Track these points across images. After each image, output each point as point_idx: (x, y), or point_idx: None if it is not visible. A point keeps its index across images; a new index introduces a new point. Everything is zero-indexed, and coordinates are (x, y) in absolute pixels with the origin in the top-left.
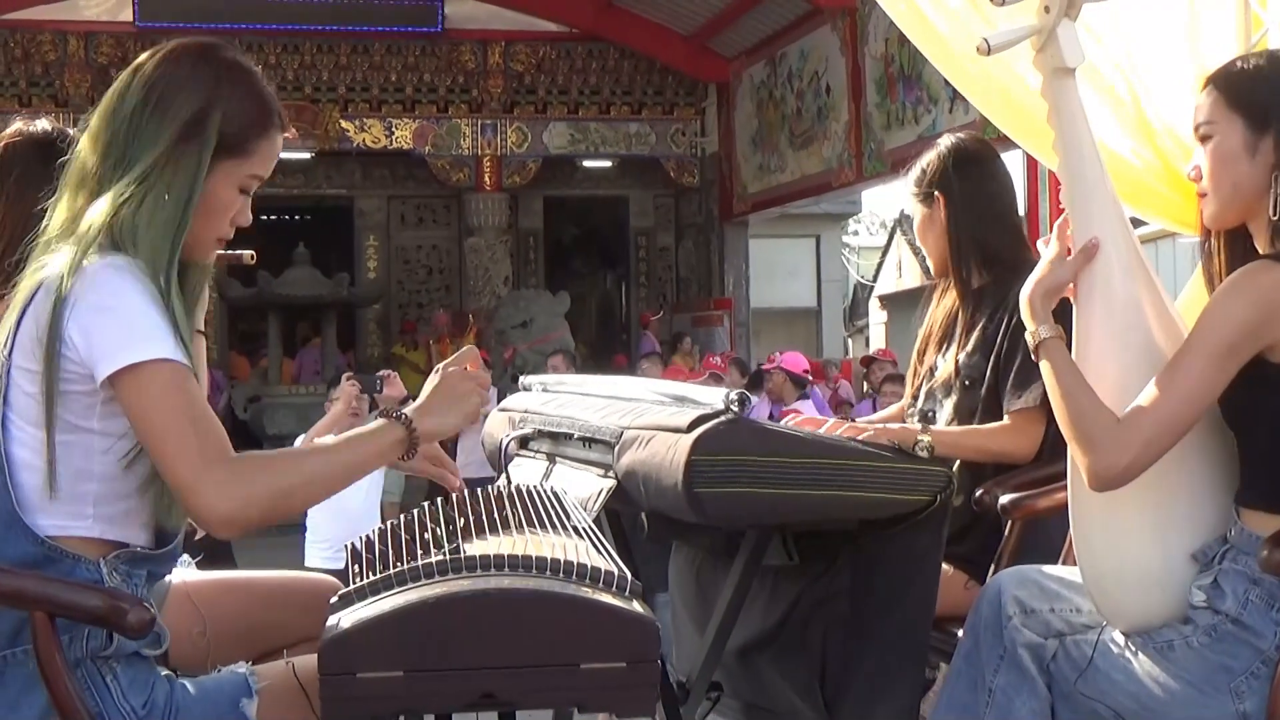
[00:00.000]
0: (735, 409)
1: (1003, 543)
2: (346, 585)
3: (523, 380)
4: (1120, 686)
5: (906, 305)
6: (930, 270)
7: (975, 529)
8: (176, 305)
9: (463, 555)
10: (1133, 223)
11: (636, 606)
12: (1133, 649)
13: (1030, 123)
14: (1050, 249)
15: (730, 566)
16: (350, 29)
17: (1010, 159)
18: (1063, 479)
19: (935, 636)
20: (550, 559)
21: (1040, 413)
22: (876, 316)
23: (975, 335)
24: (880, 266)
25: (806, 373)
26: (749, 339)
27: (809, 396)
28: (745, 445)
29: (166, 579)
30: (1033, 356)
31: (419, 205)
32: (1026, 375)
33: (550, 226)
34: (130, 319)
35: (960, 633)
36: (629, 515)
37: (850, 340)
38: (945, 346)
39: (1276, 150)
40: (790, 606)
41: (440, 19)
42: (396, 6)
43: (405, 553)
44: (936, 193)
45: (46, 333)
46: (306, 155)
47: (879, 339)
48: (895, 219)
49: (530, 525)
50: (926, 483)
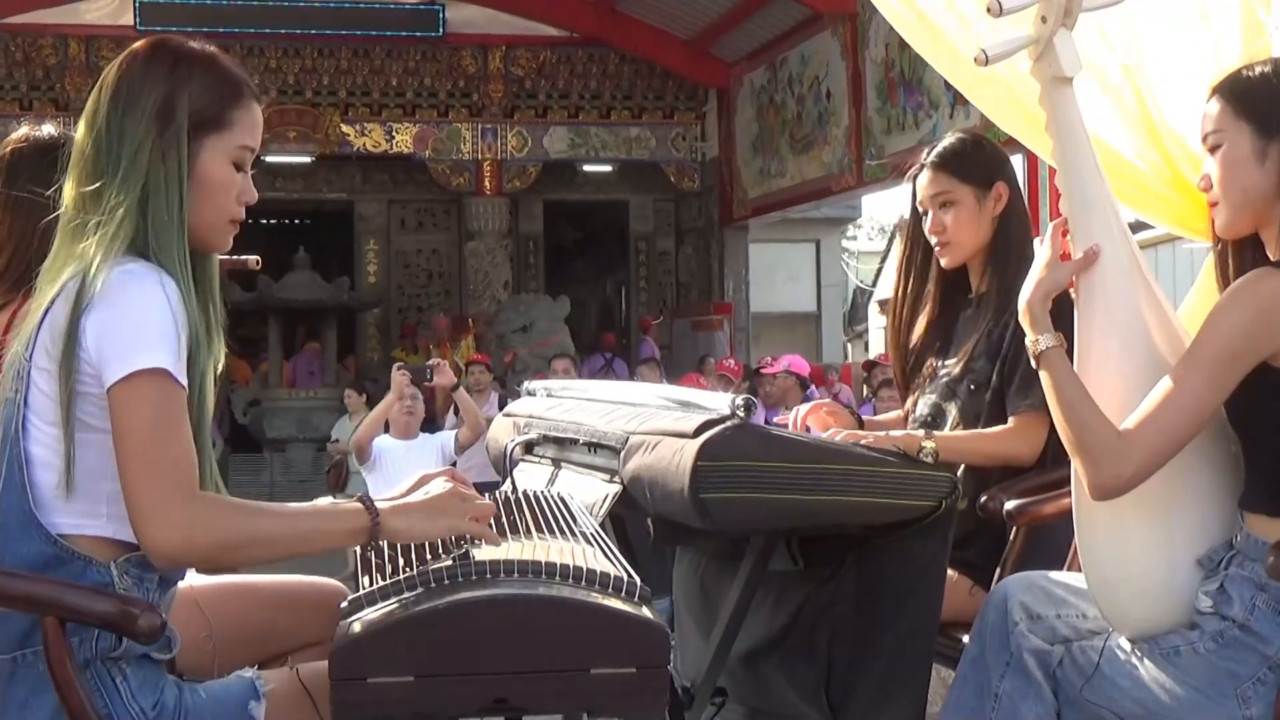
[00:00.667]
0: (741, 414)
1: (1008, 548)
2: (355, 590)
3: (526, 385)
4: (1126, 693)
5: None
6: (907, 261)
7: (980, 535)
8: (192, 302)
9: (472, 561)
10: (1133, 227)
11: (646, 612)
12: (1139, 655)
13: (1037, 124)
14: (1044, 250)
15: (735, 572)
16: (351, 33)
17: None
18: (1067, 484)
19: (941, 642)
20: (559, 564)
21: (1045, 415)
22: (876, 321)
23: (980, 339)
24: (880, 271)
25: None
26: (749, 344)
27: (810, 400)
28: (751, 450)
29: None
30: (1033, 365)
31: (419, 209)
32: (1031, 377)
33: (550, 231)
34: (138, 325)
35: (965, 638)
36: (633, 520)
37: (850, 345)
38: (944, 350)
39: None
40: (795, 612)
41: (441, 24)
42: (397, 11)
43: (415, 558)
44: (1000, 184)
45: (64, 336)
46: (307, 159)
47: (878, 344)
48: (895, 224)
49: (538, 530)
50: (932, 488)
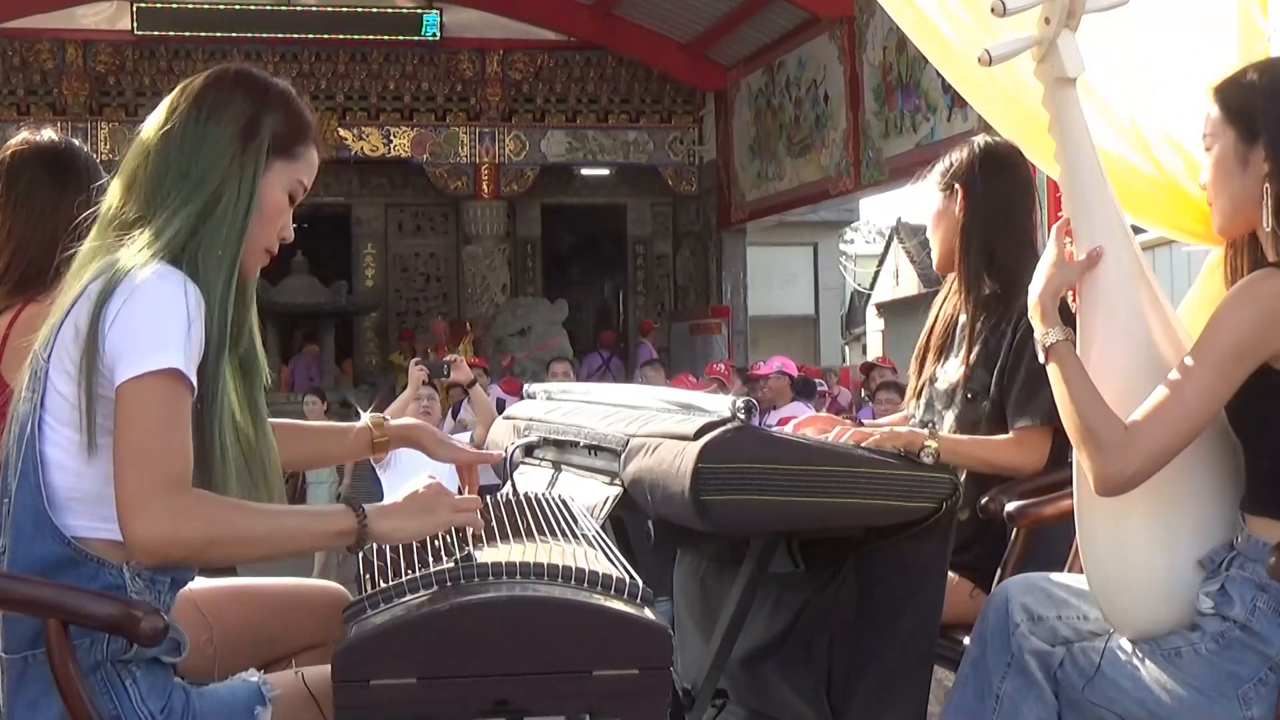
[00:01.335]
0: (742, 416)
1: (1008, 550)
2: (357, 593)
3: (527, 388)
4: (1128, 694)
5: (903, 313)
6: (930, 271)
7: (981, 537)
8: (231, 310)
9: (474, 563)
10: (1133, 230)
11: (648, 614)
12: (1140, 656)
13: (1035, 129)
14: (1050, 249)
15: (736, 574)
16: (348, 37)
17: None
18: (1068, 487)
19: (941, 644)
20: (561, 566)
21: (1046, 429)
22: (873, 324)
23: (978, 347)
24: (877, 274)
25: (802, 373)
26: (746, 347)
27: (805, 400)
28: (752, 453)
29: None
30: (1040, 359)
31: (417, 213)
32: (1031, 390)
33: (548, 234)
34: (150, 326)
35: (966, 640)
36: (633, 523)
37: (847, 348)
38: (945, 356)
39: (1268, 161)
40: (796, 614)
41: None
42: (394, 15)
43: (416, 560)
44: (958, 185)
45: (85, 340)
46: None
47: (876, 347)
48: (892, 227)
49: (540, 533)
50: (932, 490)
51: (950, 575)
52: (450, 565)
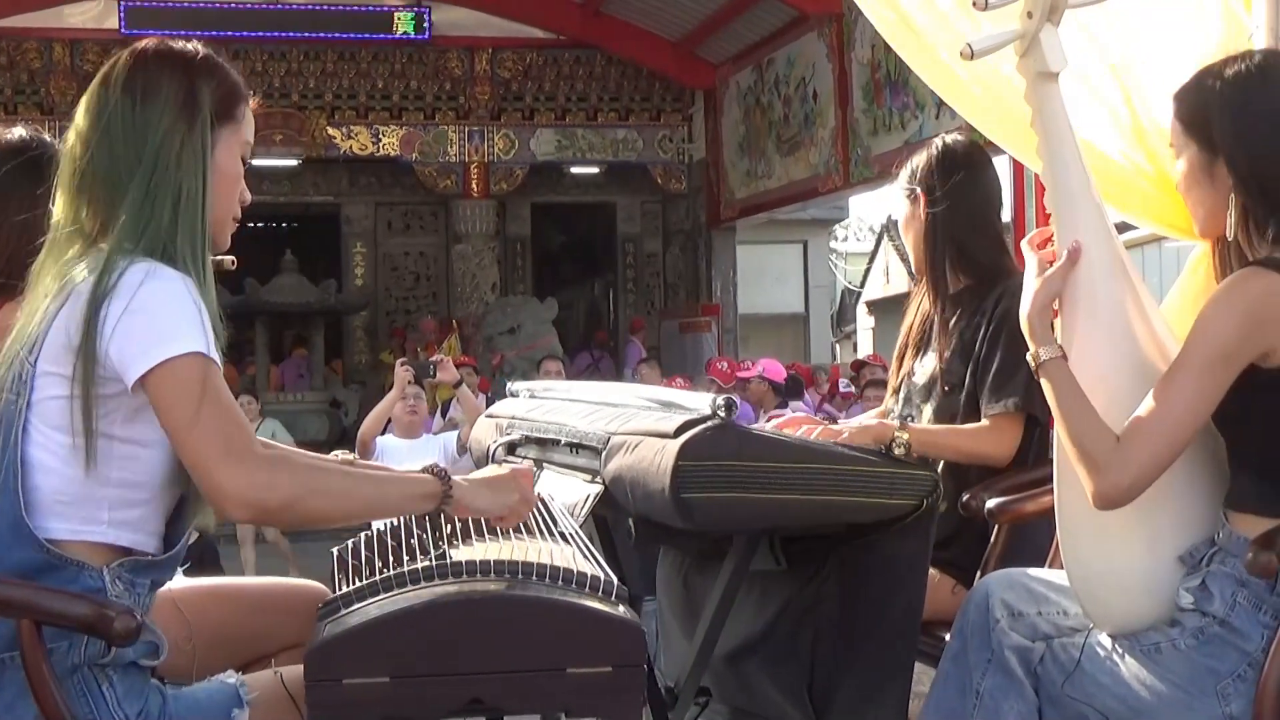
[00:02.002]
0: (722, 414)
1: (990, 547)
2: (333, 592)
3: (510, 386)
4: (1107, 689)
5: (894, 311)
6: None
7: (962, 533)
8: (212, 294)
9: (449, 561)
10: (1118, 228)
11: (622, 611)
12: (1120, 651)
13: (1014, 127)
14: (1031, 263)
15: (718, 571)
16: (337, 36)
17: (996, 163)
18: (1049, 483)
19: (923, 640)
20: (536, 564)
21: (1018, 417)
22: (864, 322)
23: (953, 340)
24: (868, 272)
25: (788, 375)
26: (736, 345)
27: (789, 404)
28: (733, 450)
29: None
30: (1035, 376)
31: (406, 212)
32: (1004, 379)
33: (538, 233)
34: (161, 319)
35: (948, 637)
36: (616, 520)
37: (838, 346)
38: (922, 351)
39: (1230, 172)
40: (778, 611)
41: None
42: (385, 14)
43: (391, 558)
44: (919, 190)
45: (81, 339)
46: (293, 162)
47: (866, 344)
48: (882, 224)
49: (516, 531)
50: (913, 487)
51: (932, 572)
52: (425, 563)
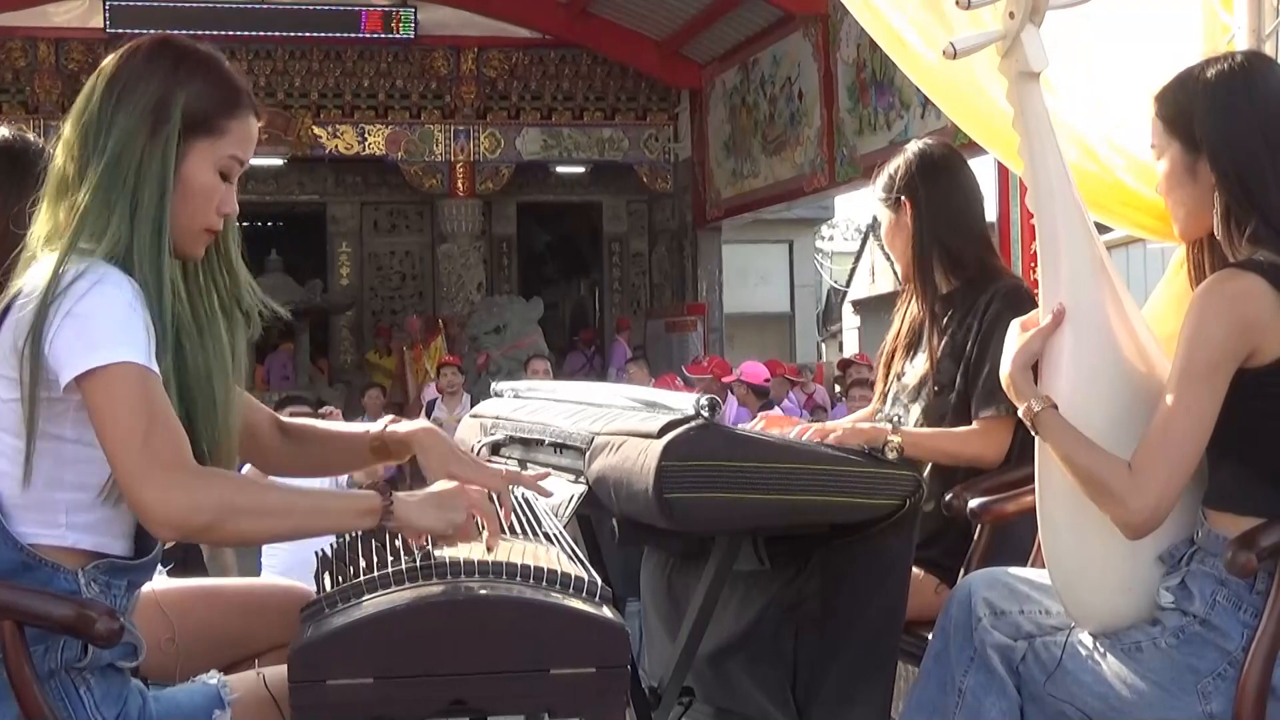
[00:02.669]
0: (706, 414)
1: (973, 546)
2: (317, 592)
3: (494, 386)
4: (1088, 688)
5: (880, 310)
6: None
7: (945, 533)
8: (168, 301)
9: (433, 561)
10: (1099, 228)
11: (606, 612)
12: (1101, 650)
13: (996, 128)
14: (1011, 331)
15: (701, 571)
16: (322, 35)
17: (982, 164)
18: (1031, 483)
19: (906, 640)
20: (520, 565)
21: (1009, 420)
22: (850, 321)
23: (944, 342)
24: (853, 272)
25: (768, 381)
26: (722, 345)
27: (771, 407)
28: (716, 450)
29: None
30: (1030, 431)
31: (392, 211)
32: (995, 383)
33: (523, 232)
34: (98, 326)
35: (930, 636)
36: (600, 521)
37: (824, 345)
38: (912, 353)
39: (1213, 170)
40: (762, 611)
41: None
42: (372, 13)
43: (375, 559)
44: (903, 198)
45: (28, 340)
46: (279, 162)
47: (852, 344)
48: (868, 224)
49: (500, 531)
50: (896, 487)
51: (915, 571)
52: (409, 564)
